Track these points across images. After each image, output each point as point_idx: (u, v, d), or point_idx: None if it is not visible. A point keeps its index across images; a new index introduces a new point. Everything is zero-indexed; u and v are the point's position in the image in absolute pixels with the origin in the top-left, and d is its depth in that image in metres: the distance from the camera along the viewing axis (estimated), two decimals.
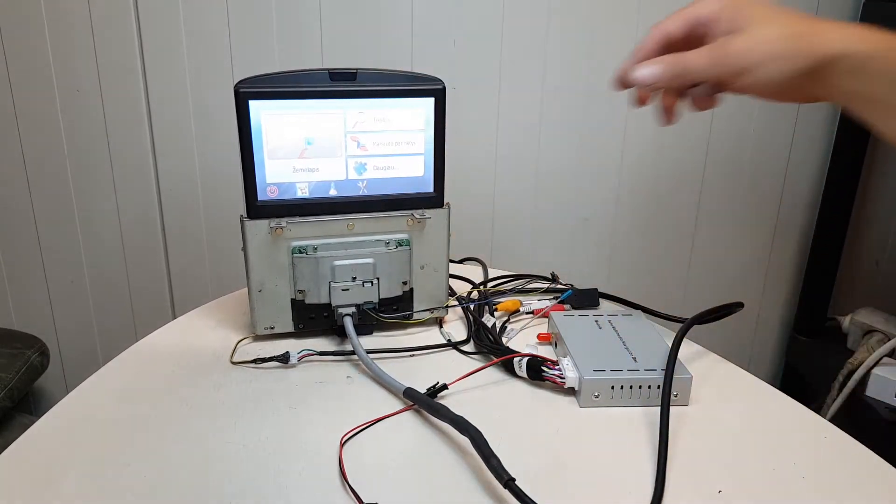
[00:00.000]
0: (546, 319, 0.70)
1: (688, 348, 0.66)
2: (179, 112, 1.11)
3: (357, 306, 0.67)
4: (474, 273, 0.84)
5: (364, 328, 0.68)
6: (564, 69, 1.14)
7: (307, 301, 0.66)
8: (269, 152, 0.62)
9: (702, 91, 0.55)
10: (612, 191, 1.23)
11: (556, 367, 0.59)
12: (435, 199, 0.67)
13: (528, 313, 0.74)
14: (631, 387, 0.57)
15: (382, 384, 0.60)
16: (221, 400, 0.58)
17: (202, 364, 0.64)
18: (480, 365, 0.63)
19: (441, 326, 0.72)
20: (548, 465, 0.51)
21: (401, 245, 0.67)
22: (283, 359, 0.63)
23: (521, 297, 0.76)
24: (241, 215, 0.64)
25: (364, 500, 0.46)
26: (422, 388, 0.57)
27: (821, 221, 1.28)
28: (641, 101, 0.57)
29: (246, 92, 0.60)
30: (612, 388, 0.57)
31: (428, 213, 0.67)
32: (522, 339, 0.70)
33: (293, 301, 0.66)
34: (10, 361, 1.08)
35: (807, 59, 0.46)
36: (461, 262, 0.88)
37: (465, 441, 0.50)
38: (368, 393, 0.60)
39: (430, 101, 0.64)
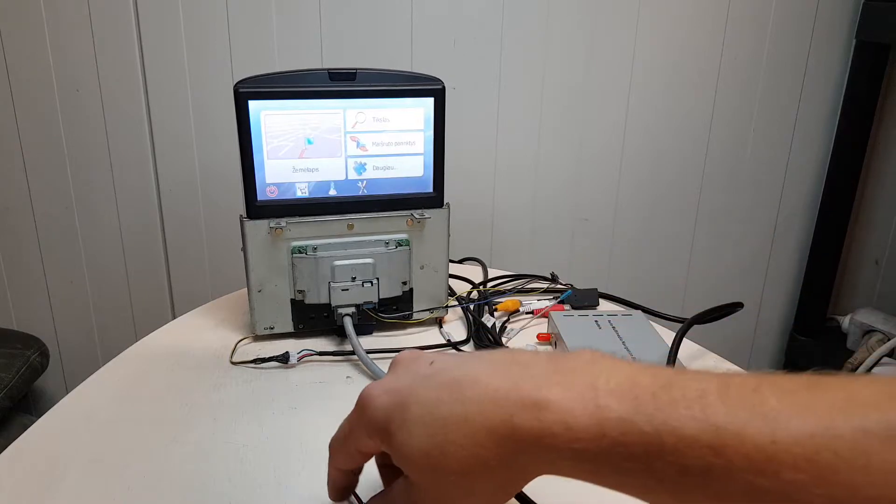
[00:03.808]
0: (546, 319, 0.70)
1: (688, 348, 0.66)
2: (179, 112, 1.11)
3: (357, 306, 0.67)
4: (474, 273, 0.84)
5: (364, 328, 0.68)
6: (564, 69, 1.14)
7: (307, 301, 0.66)
8: (269, 152, 0.62)
9: None
10: (612, 191, 1.23)
11: None
12: (435, 199, 0.67)
13: (527, 313, 0.74)
14: None
15: None
16: (221, 400, 0.58)
17: (202, 364, 0.64)
18: None
19: (441, 326, 0.72)
20: None
21: (400, 245, 0.67)
22: (283, 359, 0.63)
23: (520, 297, 0.76)
24: (241, 215, 0.64)
25: (364, 501, 0.46)
26: None
27: (821, 221, 1.28)
28: None
29: (246, 92, 0.60)
30: None
31: (428, 213, 0.67)
32: (522, 339, 0.70)
33: (293, 301, 0.66)
34: (10, 361, 1.08)
35: None
36: (461, 262, 0.88)
37: None
38: None
39: (430, 101, 0.64)
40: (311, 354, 0.65)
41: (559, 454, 0.29)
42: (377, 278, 0.67)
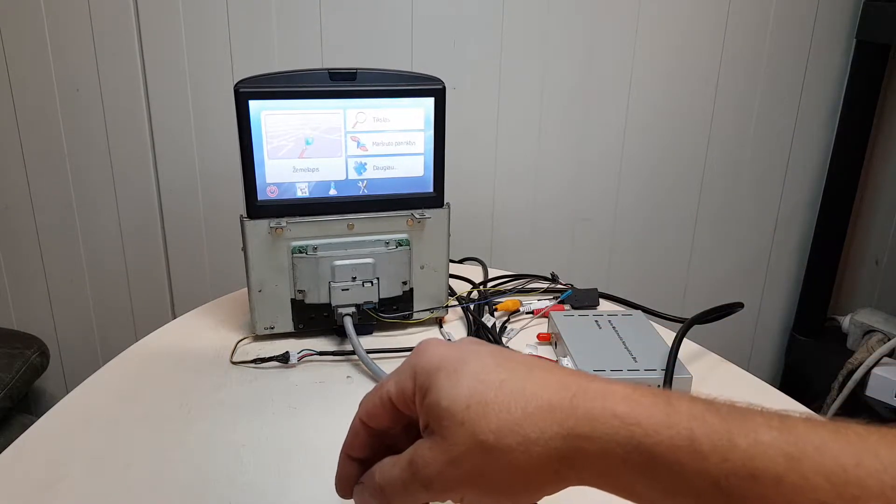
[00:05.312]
0: (546, 319, 0.70)
1: (688, 348, 0.66)
2: (179, 112, 1.11)
3: (357, 306, 0.67)
4: (474, 273, 0.84)
5: (364, 328, 0.68)
6: (564, 69, 1.14)
7: (307, 301, 0.66)
8: (269, 152, 0.62)
9: None
10: (613, 191, 1.23)
11: None
12: (435, 199, 0.67)
13: (528, 313, 0.74)
14: None
15: None
16: (221, 400, 0.58)
17: (202, 364, 0.64)
18: None
19: (441, 326, 0.72)
20: None
21: (401, 245, 0.67)
22: (283, 359, 0.63)
23: (521, 297, 0.76)
24: (241, 215, 0.64)
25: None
26: None
27: (821, 221, 1.27)
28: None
29: (246, 92, 0.60)
30: None
31: (428, 213, 0.67)
32: (522, 339, 0.70)
33: (293, 301, 0.66)
34: (10, 361, 1.08)
35: None
36: (461, 262, 0.88)
37: None
38: None
39: (430, 101, 0.64)
40: (312, 354, 0.65)
41: (612, 444, 0.26)
42: (377, 278, 0.67)
